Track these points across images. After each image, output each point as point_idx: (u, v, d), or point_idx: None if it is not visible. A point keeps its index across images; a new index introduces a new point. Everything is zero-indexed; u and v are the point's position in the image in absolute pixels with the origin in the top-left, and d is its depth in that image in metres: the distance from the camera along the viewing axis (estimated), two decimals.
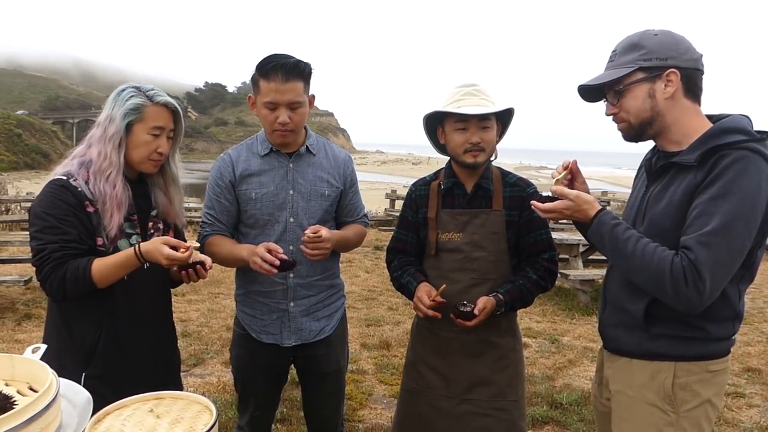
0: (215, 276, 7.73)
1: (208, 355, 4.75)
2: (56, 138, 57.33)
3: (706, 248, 1.44)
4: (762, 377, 4.63)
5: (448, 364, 2.18)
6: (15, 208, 13.19)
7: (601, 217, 1.60)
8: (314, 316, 2.28)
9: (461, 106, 2.03)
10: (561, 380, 4.46)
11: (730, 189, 1.45)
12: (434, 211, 2.17)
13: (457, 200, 2.16)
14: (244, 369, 2.37)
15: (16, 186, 23.30)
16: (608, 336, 1.78)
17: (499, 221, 2.11)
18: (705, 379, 1.61)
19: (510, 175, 2.22)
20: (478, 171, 2.14)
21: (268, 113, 2.09)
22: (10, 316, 5.63)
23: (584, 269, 6.98)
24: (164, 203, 1.96)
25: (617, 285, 1.73)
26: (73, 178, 1.78)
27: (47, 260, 1.71)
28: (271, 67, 2.03)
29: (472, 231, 2.11)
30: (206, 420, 1.27)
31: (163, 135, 1.85)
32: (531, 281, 2.11)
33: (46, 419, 1.10)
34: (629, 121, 1.64)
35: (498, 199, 2.12)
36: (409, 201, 2.28)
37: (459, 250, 2.12)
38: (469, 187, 2.15)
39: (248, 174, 2.20)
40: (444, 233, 2.15)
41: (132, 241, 1.84)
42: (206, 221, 2.26)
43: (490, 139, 2.07)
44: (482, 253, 2.11)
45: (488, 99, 2.07)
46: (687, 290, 1.46)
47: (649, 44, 1.58)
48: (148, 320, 1.91)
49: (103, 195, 1.76)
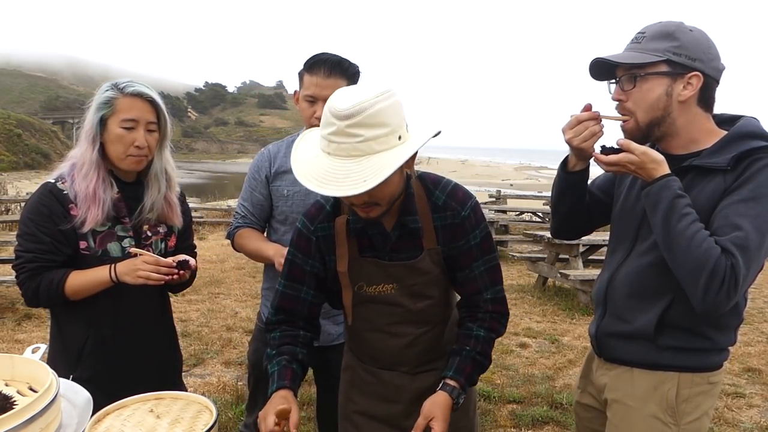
0: (215, 276, 7.74)
1: (208, 355, 4.75)
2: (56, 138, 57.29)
3: (744, 253, 1.39)
4: (762, 377, 4.63)
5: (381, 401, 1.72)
6: (15, 208, 13.18)
7: (668, 181, 1.44)
8: (334, 320, 2.27)
9: (327, 152, 1.36)
10: (561, 380, 4.46)
11: (761, 192, 1.41)
12: (345, 262, 1.60)
13: (377, 243, 1.60)
14: (261, 363, 2.36)
15: (16, 186, 23.26)
16: (605, 345, 1.70)
17: (437, 261, 1.61)
18: (706, 391, 1.58)
19: (438, 191, 1.61)
20: (393, 208, 1.54)
21: (307, 107, 2.10)
22: (10, 316, 5.63)
23: (584, 269, 6.98)
24: (163, 205, 1.90)
25: (624, 294, 1.63)
26: (62, 181, 1.78)
27: (22, 269, 1.76)
28: (315, 62, 2.06)
29: (410, 283, 1.61)
30: (206, 420, 1.28)
31: (139, 128, 1.75)
32: (480, 341, 1.62)
33: (46, 419, 1.10)
34: (636, 117, 1.54)
35: (429, 235, 1.59)
36: (306, 243, 1.63)
37: (396, 303, 1.63)
38: (389, 225, 1.58)
39: (283, 171, 2.21)
40: (371, 286, 1.62)
41: (124, 244, 1.82)
42: (240, 213, 2.30)
43: (385, 193, 1.43)
44: (427, 302, 1.64)
45: (373, 136, 1.31)
46: (719, 292, 1.38)
47: (683, 38, 1.47)
48: (140, 323, 1.89)
49: (80, 191, 1.75)
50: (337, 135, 1.32)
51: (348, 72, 2.07)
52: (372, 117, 1.30)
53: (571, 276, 6.64)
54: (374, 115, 1.30)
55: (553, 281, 7.50)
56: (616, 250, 1.71)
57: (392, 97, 1.35)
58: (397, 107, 1.36)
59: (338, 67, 2.04)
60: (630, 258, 1.64)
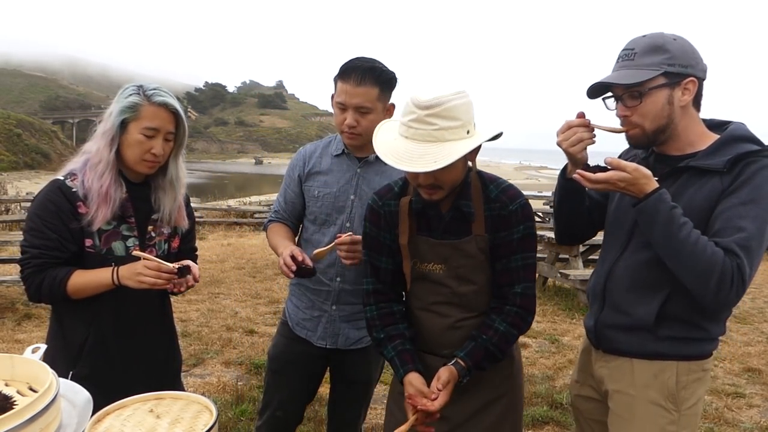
0: (215, 276, 7.74)
1: (208, 355, 4.75)
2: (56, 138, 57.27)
3: (747, 253, 1.47)
4: (762, 377, 4.64)
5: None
6: (15, 208, 13.20)
7: (662, 194, 1.51)
8: (355, 324, 2.26)
9: (406, 136, 1.61)
10: (561, 380, 4.46)
11: (760, 194, 1.50)
12: (407, 236, 1.80)
13: (432, 224, 1.79)
14: (278, 357, 2.37)
15: (16, 186, 23.28)
16: (605, 337, 1.76)
17: (483, 248, 1.76)
18: (700, 378, 1.67)
19: (492, 185, 1.78)
20: (452, 194, 1.76)
21: (339, 113, 2.10)
22: (10, 316, 5.63)
23: (584, 269, 6.99)
24: (169, 208, 1.92)
25: (623, 288, 1.70)
26: (71, 178, 1.79)
27: (27, 265, 1.78)
28: (347, 69, 2.04)
29: (456, 264, 1.77)
30: (206, 420, 1.27)
31: (159, 137, 1.78)
32: (498, 334, 1.74)
33: (46, 419, 1.09)
34: (643, 127, 1.61)
35: (480, 222, 1.75)
36: (376, 217, 1.85)
37: (443, 284, 1.80)
38: (445, 208, 1.77)
39: (316, 171, 2.23)
40: (423, 263, 1.81)
41: (128, 244, 1.84)
42: (275, 208, 2.36)
43: (449, 178, 1.67)
44: (471, 287, 1.79)
45: (446, 127, 1.56)
46: (730, 292, 1.47)
47: (673, 49, 1.55)
48: (140, 323, 1.90)
49: (91, 189, 1.76)
50: (416, 122, 1.57)
51: (380, 79, 2.03)
52: (447, 111, 1.54)
53: (571, 276, 6.65)
54: (450, 109, 1.55)
55: (553, 281, 7.51)
56: (612, 246, 1.78)
57: (466, 98, 1.59)
58: (468, 106, 1.59)
59: (369, 74, 2.01)
60: (627, 253, 1.71)
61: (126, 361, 1.87)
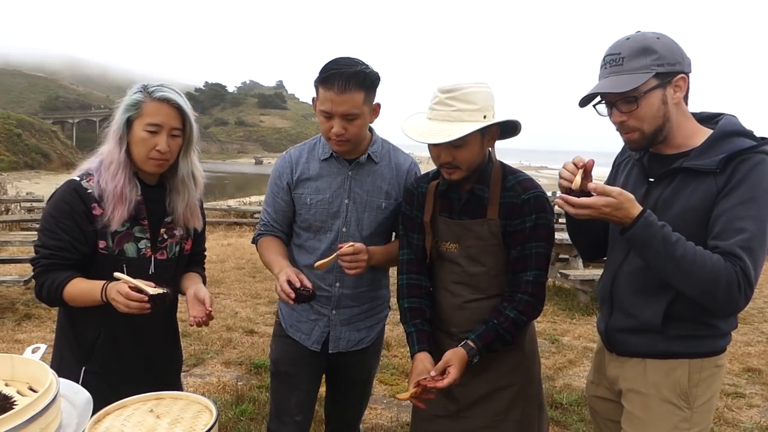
0: (215, 276, 7.73)
1: (208, 355, 4.75)
2: (56, 138, 57.26)
3: (750, 255, 1.47)
4: (762, 377, 4.63)
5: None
6: (15, 208, 13.18)
7: (647, 217, 1.49)
8: (355, 326, 2.24)
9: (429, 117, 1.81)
10: (561, 380, 4.47)
11: (757, 193, 1.49)
12: (430, 215, 1.96)
13: (453, 205, 1.94)
14: (280, 362, 2.31)
15: (16, 186, 23.30)
16: (616, 340, 1.77)
17: (495, 233, 1.86)
18: (714, 374, 1.67)
19: (511, 176, 1.90)
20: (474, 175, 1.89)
21: (324, 121, 1.99)
22: (10, 316, 5.63)
23: (584, 269, 6.98)
24: (182, 208, 1.91)
25: (628, 291, 1.71)
26: (87, 178, 1.80)
27: (38, 264, 1.79)
28: (329, 75, 1.92)
29: (467, 244, 1.90)
30: (206, 420, 1.27)
31: (162, 133, 1.76)
32: (508, 320, 1.82)
33: (46, 419, 1.10)
34: (642, 130, 1.60)
35: (494, 207, 1.86)
36: (411, 198, 2.04)
37: (456, 262, 1.93)
38: (464, 191, 1.91)
39: (306, 178, 2.14)
40: (442, 242, 1.95)
41: (140, 246, 1.84)
42: (263, 219, 2.25)
43: (466, 158, 1.80)
44: (481, 268, 1.90)
45: (464, 109, 1.75)
46: (739, 297, 1.47)
47: (659, 49, 1.55)
48: (150, 321, 1.88)
49: (106, 190, 1.76)
50: (437, 104, 1.78)
51: (365, 83, 1.93)
52: (465, 95, 1.74)
53: (571, 276, 6.64)
54: (468, 94, 1.74)
55: (553, 281, 7.50)
56: (616, 250, 1.78)
57: (486, 88, 1.79)
58: (486, 95, 1.78)
59: (353, 80, 1.90)
60: (630, 256, 1.70)
61: (135, 358, 1.89)
